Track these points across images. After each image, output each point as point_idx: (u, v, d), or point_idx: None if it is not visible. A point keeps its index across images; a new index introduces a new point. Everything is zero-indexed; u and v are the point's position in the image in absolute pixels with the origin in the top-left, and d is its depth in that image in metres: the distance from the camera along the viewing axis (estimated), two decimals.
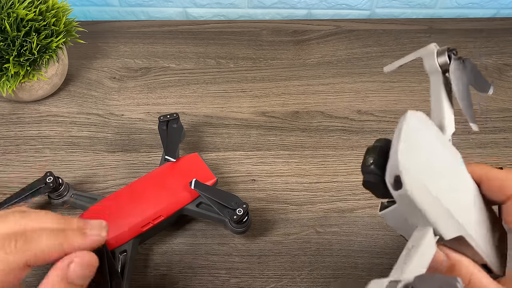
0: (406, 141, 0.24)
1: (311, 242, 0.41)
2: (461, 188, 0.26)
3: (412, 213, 0.24)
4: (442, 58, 0.28)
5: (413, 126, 0.25)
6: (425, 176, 0.24)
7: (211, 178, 0.41)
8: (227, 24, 0.63)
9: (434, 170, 0.25)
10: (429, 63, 0.29)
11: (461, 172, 0.27)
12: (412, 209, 0.24)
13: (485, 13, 0.66)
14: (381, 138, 0.26)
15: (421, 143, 0.25)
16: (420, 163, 0.24)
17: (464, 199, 0.26)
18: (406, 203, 0.24)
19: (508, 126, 0.50)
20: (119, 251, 0.37)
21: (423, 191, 0.23)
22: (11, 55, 0.45)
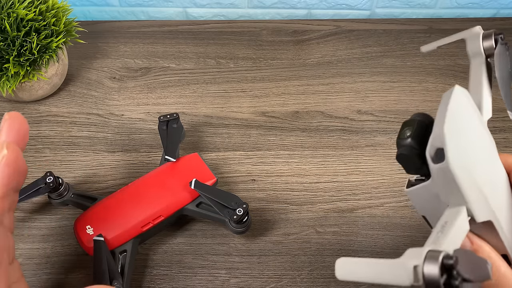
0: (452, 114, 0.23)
1: (311, 242, 0.41)
2: (495, 174, 0.26)
3: (447, 189, 0.23)
4: (488, 42, 0.28)
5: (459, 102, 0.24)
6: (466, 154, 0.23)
7: (211, 178, 0.41)
8: (227, 24, 0.63)
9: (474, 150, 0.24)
10: (473, 45, 0.28)
11: (496, 158, 0.27)
12: (448, 185, 0.23)
13: (485, 13, 0.66)
14: (419, 112, 0.26)
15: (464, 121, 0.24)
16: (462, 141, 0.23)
17: (497, 185, 0.26)
18: (444, 178, 0.23)
19: (508, 126, 0.50)
20: (119, 251, 0.38)
21: (463, 167, 0.23)
22: (11, 55, 0.45)
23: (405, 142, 0.24)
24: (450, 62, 0.57)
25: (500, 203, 0.25)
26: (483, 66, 0.28)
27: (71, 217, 0.43)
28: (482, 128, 0.26)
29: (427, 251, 0.19)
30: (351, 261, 0.21)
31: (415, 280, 0.18)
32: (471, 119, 0.25)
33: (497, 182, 0.26)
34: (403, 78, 0.55)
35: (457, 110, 0.24)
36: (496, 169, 0.26)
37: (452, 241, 0.21)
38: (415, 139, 0.24)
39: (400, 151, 0.25)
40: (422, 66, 0.57)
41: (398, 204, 0.44)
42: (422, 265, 0.18)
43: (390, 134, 0.49)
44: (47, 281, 0.39)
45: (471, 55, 0.29)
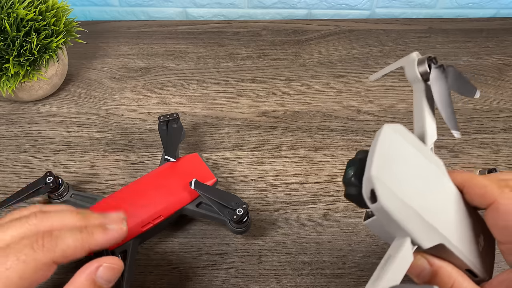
0: (380, 155, 0.25)
1: (311, 242, 0.41)
2: (441, 196, 0.27)
3: (390, 224, 0.25)
4: (422, 67, 0.29)
5: (389, 139, 0.25)
6: (401, 188, 0.24)
7: (211, 178, 0.41)
8: (227, 24, 0.63)
9: (411, 181, 0.25)
10: (410, 72, 0.29)
11: (442, 180, 0.27)
12: (389, 221, 0.24)
13: (485, 13, 0.66)
14: (362, 150, 0.27)
15: (398, 156, 0.25)
16: (395, 176, 0.25)
17: (445, 207, 0.26)
18: (383, 215, 0.24)
19: (508, 126, 0.50)
20: (119, 251, 0.37)
21: (398, 203, 0.24)
22: (11, 55, 0.45)
23: (349, 181, 0.26)
24: (450, 62, 0.57)
25: (451, 224, 0.26)
26: (423, 91, 0.29)
27: None
28: (421, 157, 0.26)
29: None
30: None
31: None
32: (406, 152, 0.26)
33: (445, 204, 0.27)
34: (403, 78, 0.55)
35: (386, 149, 0.25)
36: (444, 191, 0.27)
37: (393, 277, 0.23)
38: (357, 178, 0.25)
39: (347, 191, 0.26)
40: None
41: None
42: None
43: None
44: (47, 281, 0.39)
45: (411, 81, 0.30)
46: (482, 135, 0.49)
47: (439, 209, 0.26)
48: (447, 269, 0.26)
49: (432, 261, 0.26)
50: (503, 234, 0.26)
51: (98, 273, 0.27)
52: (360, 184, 0.25)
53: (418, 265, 0.26)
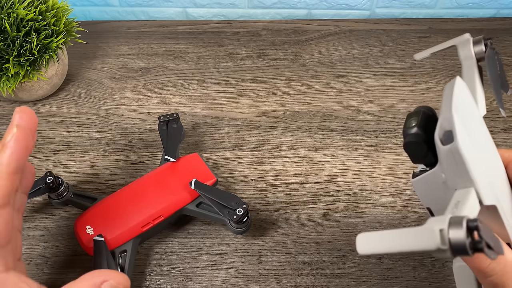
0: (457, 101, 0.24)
1: (311, 242, 0.41)
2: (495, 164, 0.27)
3: (455, 172, 0.24)
4: (478, 47, 0.30)
5: (462, 91, 0.26)
6: (471, 138, 0.24)
7: (211, 178, 0.41)
8: (227, 24, 0.63)
9: (476, 138, 0.25)
10: (464, 50, 0.30)
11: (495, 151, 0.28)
12: (457, 168, 0.24)
13: (485, 13, 0.66)
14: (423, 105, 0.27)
15: (467, 110, 0.25)
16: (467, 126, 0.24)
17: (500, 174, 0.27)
18: (453, 160, 0.24)
19: (508, 126, 0.50)
20: (119, 251, 0.38)
21: (471, 148, 0.23)
22: (11, 55, 0.45)
23: (411, 130, 0.25)
24: (450, 62, 0.57)
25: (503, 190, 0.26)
26: (475, 67, 0.30)
27: (71, 217, 0.43)
28: (482, 122, 0.27)
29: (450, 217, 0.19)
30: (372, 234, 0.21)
31: (442, 243, 0.19)
32: (472, 109, 0.26)
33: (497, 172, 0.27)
34: (403, 78, 0.55)
35: (461, 98, 0.25)
36: (496, 160, 0.27)
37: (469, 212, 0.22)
38: (421, 127, 0.25)
39: (407, 140, 0.26)
40: (422, 66, 0.57)
41: (398, 204, 0.44)
42: (447, 228, 0.19)
43: (390, 134, 0.49)
44: (47, 281, 0.39)
45: (463, 58, 0.30)
46: None
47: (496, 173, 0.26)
48: None
49: None
50: None
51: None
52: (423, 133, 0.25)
53: None
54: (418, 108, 0.27)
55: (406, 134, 0.26)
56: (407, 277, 0.39)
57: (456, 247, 0.19)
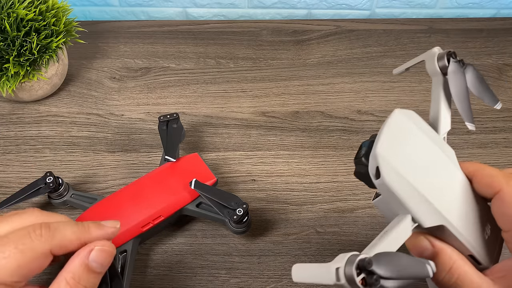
0: (387, 135, 0.26)
1: (311, 242, 0.41)
2: (448, 182, 0.28)
3: (393, 201, 0.26)
4: (441, 62, 0.30)
5: (398, 121, 0.27)
6: (405, 167, 0.26)
7: (211, 178, 0.41)
8: (227, 24, 0.63)
9: (417, 163, 0.26)
10: (430, 65, 0.31)
11: (451, 168, 0.28)
12: (392, 197, 0.26)
13: (485, 13, 0.66)
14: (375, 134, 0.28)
15: (405, 138, 0.27)
16: (400, 156, 0.26)
17: (451, 192, 0.27)
18: (386, 191, 0.26)
19: (509, 126, 0.50)
20: (119, 251, 0.37)
21: (400, 180, 0.25)
22: (11, 55, 0.45)
23: (359, 160, 0.28)
24: None
25: (455, 208, 0.27)
26: (441, 84, 0.30)
27: (71, 217, 0.42)
28: (430, 144, 0.28)
29: (349, 256, 0.22)
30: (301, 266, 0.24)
31: (337, 279, 0.22)
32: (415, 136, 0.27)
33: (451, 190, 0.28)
34: (403, 78, 0.55)
35: (394, 130, 0.27)
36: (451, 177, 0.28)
37: (387, 246, 0.24)
38: (367, 157, 0.27)
39: (356, 169, 0.28)
40: (422, 66, 0.56)
41: None
42: (343, 267, 0.22)
43: None
44: (47, 281, 0.39)
45: (431, 74, 0.31)
46: (482, 135, 0.49)
47: (444, 193, 0.27)
48: (447, 251, 0.27)
49: (434, 242, 0.27)
50: (507, 222, 0.27)
51: (91, 257, 0.27)
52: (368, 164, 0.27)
53: (420, 245, 0.27)
54: (371, 137, 0.28)
55: (355, 164, 0.28)
56: None
57: (350, 282, 0.22)
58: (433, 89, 0.31)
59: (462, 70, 0.30)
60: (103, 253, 0.28)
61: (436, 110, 0.30)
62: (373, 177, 0.26)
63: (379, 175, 0.25)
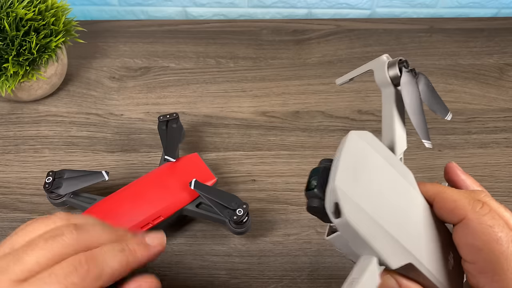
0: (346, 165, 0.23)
1: (312, 242, 0.41)
2: (410, 210, 0.25)
3: (355, 242, 0.23)
4: (393, 71, 0.27)
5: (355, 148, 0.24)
6: (367, 201, 0.23)
7: (211, 178, 0.41)
8: (227, 24, 0.63)
9: (379, 194, 0.24)
10: (379, 75, 0.28)
11: (411, 192, 0.26)
12: (354, 238, 0.23)
13: (486, 13, 0.66)
14: (326, 158, 0.25)
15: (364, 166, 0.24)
16: (361, 188, 0.23)
17: (413, 222, 0.25)
18: (347, 231, 0.23)
19: (509, 126, 0.50)
20: None
21: (365, 218, 0.22)
22: (10, 55, 0.45)
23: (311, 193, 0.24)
24: (451, 62, 0.57)
25: (419, 241, 0.25)
26: (393, 96, 0.27)
27: None
28: (388, 168, 0.25)
29: None
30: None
31: None
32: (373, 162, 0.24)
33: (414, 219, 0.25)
34: None
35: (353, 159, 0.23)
36: (413, 204, 0.25)
37: None
38: (321, 189, 0.24)
39: (308, 204, 0.24)
40: (423, 66, 0.57)
41: None
42: None
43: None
44: None
45: (380, 85, 0.28)
46: (483, 135, 0.49)
47: (407, 225, 0.24)
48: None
49: (401, 281, 0.25)
50: (470, 253, 0.24)
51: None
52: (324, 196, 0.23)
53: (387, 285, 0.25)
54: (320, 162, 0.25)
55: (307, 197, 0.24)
56: None
57: None
58: (384, 103, 0.28)
59: (415, 80, 0.27)
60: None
61: (390, 129, 0.27)
62: (331, 215, 0.23)
63: (338, 214, 0.22)
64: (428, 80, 0.28)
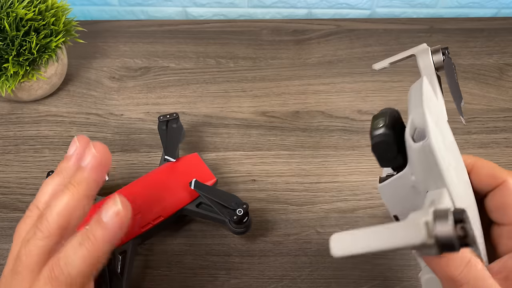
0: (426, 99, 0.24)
1: (312, 242, 0.41)
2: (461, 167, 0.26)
3: (427, 172, 0.23)
4: (437, 56, 0.30)
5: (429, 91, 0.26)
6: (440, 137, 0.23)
7: (211, 178, 0.41)
8: (227, 24, 0.63)
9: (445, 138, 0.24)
10: (423, 60, 0.30)
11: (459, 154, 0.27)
12: (428, 167, 0.22)
13: (486, 13, 0.66)
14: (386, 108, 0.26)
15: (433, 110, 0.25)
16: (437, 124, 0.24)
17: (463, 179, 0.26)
18: (425, 158, 0.22)
19: (509, 126, 0.50)
20: (118, 252, 0.37)
21: (442, 148, 0.22)
22: (10, 55, 0.45)
23: (379, 131, 0.24)
24: None
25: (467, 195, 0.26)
26: (435, 76, 0.29)
27: None
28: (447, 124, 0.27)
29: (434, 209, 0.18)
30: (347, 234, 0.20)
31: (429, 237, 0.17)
32: (439, 111, 0.26)
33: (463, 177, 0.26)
34: (404, 78, 0.55)
35: (429, 97, 0.25)
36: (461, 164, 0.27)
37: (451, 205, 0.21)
38: (389, 127, 0.24)
39: (375, 140, 0.25)
40: None
41: None
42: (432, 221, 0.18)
43: None
44: None
45: (422, 67, 0.30)
46: (483, 135, 0.49)
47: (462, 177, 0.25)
48: None
49: None
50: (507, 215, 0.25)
51: None
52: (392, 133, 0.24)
53: None
54: (384, 109, 0.26)
55: (374, 135, 0.25)
56: (407, 277, 0.39)
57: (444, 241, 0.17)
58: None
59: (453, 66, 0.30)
60: None
61: None
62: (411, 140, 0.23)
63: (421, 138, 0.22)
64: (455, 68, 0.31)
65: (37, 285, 0.25)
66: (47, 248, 0.26)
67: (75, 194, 0.27)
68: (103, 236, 0.26)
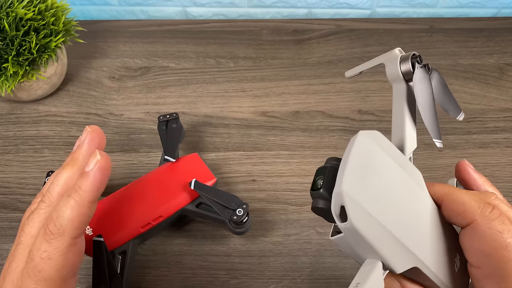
0: (353, 167, 0.22)
1: (312, 242, 0.41)
2: (417, 212, 0.24)
3: (360, 245, 0.23)
4: (405, 65, 0.26)
5: (364, 149, 0.23)
6: (375, 205, 0.22)
7: (211, 178, 0.41)
8: (227, 24, 0.63)
9: (386, 196, 0.23)
10: (391, 70, 0.26)
11: (419, 194, 0.25)
12: (360, 242, 0.22)
13: (486, 13, 0.66)
14: (333, 157, 0.24)
15: (372, 168, 0.23)
16: (369, 191, 0.22)
17: (421, 224, 0.24)
18: (353, 235, 0.22)
19: (510, 126, 0.50)
20: (118, 252, 0.37)
21: (371, 223, 0.22)
22: (10, 55, 0.45)
23: (317, 193, 0.23)
24: (451, 61, 0.57)
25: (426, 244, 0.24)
26: (404, 92, 0.26)
27: None
28: (398, 169, 0.24)
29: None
30: None
31: None
32: (383, 163, 0.24)
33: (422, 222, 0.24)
34: None
35: (361, 161, 0.23)
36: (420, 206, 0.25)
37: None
38: (327, 189, 0.23)
39: (313, 204, 0.23)
40: None
41: None
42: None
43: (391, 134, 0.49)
44: None
45: (391, 80, 0.27)
46: (483, 135, 0.49)
47: (414, 227, 0.24)
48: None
49: (405, 284, 0.25)
50: (477, 257, 0.24)
51: None
52: (330, 197, 0.23)
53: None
54: (326, 161, 0.24)
55: (312, 197, 0.24)
56: None
57: None
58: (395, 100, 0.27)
59: (428, 77, 0.26)
60: None
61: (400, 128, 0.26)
62: (337, 219, 0.22)
63: (345, 218, 0.22)
64: (441, 77, 0.27)
65: (35, 243, 0.27)
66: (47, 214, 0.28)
67: (74, 167, 0.30)
68: (88, 186, 0.28)
